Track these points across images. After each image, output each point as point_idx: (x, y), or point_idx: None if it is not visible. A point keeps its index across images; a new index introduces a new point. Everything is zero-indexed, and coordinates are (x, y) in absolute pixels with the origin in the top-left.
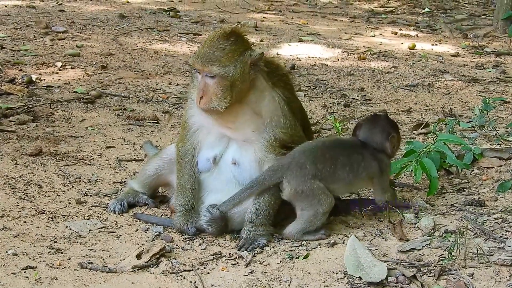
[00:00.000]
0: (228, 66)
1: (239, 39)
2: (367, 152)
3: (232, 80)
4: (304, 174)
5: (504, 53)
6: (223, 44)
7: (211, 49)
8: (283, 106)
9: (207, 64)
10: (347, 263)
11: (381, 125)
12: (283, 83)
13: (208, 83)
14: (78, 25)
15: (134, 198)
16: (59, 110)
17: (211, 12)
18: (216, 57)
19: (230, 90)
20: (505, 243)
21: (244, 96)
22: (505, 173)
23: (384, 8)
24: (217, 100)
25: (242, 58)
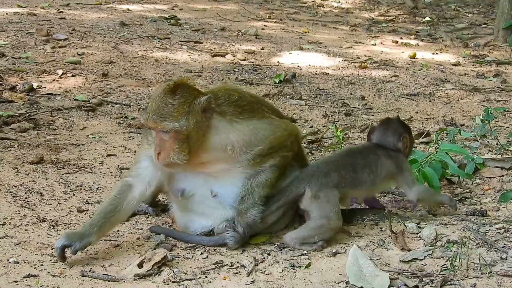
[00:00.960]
0: (180, 120)
1: (185, 90)
2: (382, 152)
3: (187, 133)
4: (327, 181)
5: (505, 62)
6: (170, 99)
7: (160, 105)
8: (249, 128)
9: (159, 121)
10: (349, 272)
11: (393, 127)
12: (239, 109)
13: (163, 138)
14: (79, 32)
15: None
16: (60, 118)
17: (212, 20)
18: (167, 112)
19: (187, 142)
20: (507, 253)
21: (205, 141)
22: (507, 183)
23: (385, 17)
24: (176, 154)
25: (192, 108)
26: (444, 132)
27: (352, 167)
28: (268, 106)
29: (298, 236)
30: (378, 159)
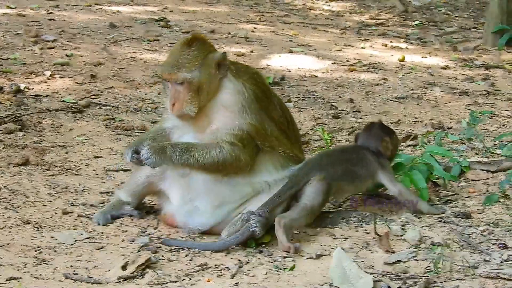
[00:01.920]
0: (193, 71)
1: (200, 44)
2: (368, 151)
3: (199, 84)
4: (333, 172)
5: (494, 66)
6: (186, 51)
7: (175, 57)
8: (251, 99)
9: (173, 72)
10: (333, 275)
11: (375, 131)
12: (254, 81)
13: (178, 90)
14: (68, 34)
15: (118, 210)
16: (47, 119)
17: (202, 22)
18: (181, 64)
19: (198, 94)
20: (490, 255)
21: (214, 97)
22: (492, 186)
23: (375, 20)
24: (188, 105)
25: (205, 61)
26: (431, 135)
27: (350, 161)
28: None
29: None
30: (366, 156)
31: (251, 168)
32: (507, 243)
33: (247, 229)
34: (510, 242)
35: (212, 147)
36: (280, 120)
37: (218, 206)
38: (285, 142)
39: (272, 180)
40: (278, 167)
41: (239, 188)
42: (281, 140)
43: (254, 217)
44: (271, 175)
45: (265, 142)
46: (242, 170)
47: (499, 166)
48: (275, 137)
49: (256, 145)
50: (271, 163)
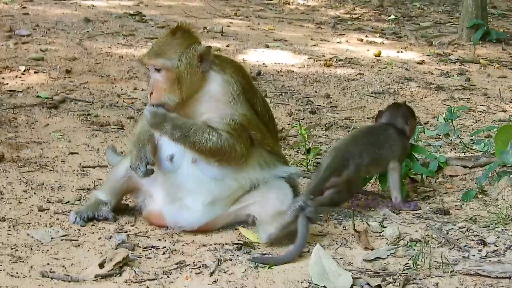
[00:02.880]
0: (173, 59)
1: (185, 34)
2: (393, 131)
3: (178, 73)
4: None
5: (469, 61)
6: (169, 39)
7: (158, 44)
8: (240, 90)
9: (153, 57)
10: (312, 272)
11: (403, 110)
12: (240, 73)
13: (156, 78)
14: (42, 28)
15: (94, 211)
16: (22, 115)
17: (177, 17)
18: (162, 50)
19: (178, 83)
20: (469, 252)
21: (198, 91)
22: (469, 182)
23: (351, 15)
24: (167, 94)
25: (188, 50)
26: None
27: (377, 144)
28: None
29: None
30: (392, 136)
31: (244, 161)
32: (486, 240)
33: (305, 219)
34: (488, 238)
35: (211, 132)
36: (262, 113)
37: (209, 203)
38: (268, 136)
39: (259, 177)
40: (262, 164)
41: (228, 183)
42: (265, 134)
43: (309, 205)
44: (256, 172)
45: (257, 134)
46: (236, 161)
47: (476, 161)
48: (260, 130)
49: (249, 137)
50: (256, 159)
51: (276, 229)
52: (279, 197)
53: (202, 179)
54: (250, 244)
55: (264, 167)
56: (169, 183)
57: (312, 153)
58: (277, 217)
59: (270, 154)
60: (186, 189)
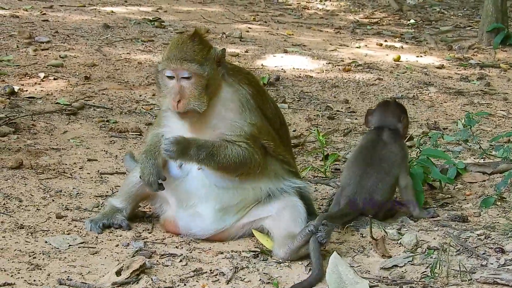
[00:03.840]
0: (203, 64)
1: (202, 39)
2: (387, 139)
3: (208, 79)
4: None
5: (489, 66)
6: (191, 45)
7: (182, 50)
8: (249, 99)
9: (184, 63)
10: (329, 280)
11: (392, 109)
12: (247, 80)
13: (183, 85)
14: (61, 35)
15: (109, 219)
16: (41, 121)
17: (196, 22)
18: (190, 56)
19: (206, 89)
20: (487, 260)
21: (215, 95)
22: (488, 188)
23: (370, 19)
24: (196, 101)
25: (210, 55)
26: (427, 136)
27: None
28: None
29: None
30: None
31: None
32: (504, 248)
33: (316, 244)
34: (507, 246)
35: (232, 146)
36: (274, 119)
37: (220, 211)
38: (278, 144)
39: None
40: (272, 174)
41: (241, 192)
42: (276, 141)
43: (320, 230)
44: (265, 182)
45: (269, 142)
46: (254, 170)
47: (496, 168)
48: (272, 137)
49: (262, 146)
50: (269, 169)
51: (285, 253)
52: (293, 217)
53: (209, 185)
54: (267, 251)
55: (275, 177)
56: (180, 189)
57: (330, 159)
58: (289, 239)
59: (282, 164)
60: (197, 195)
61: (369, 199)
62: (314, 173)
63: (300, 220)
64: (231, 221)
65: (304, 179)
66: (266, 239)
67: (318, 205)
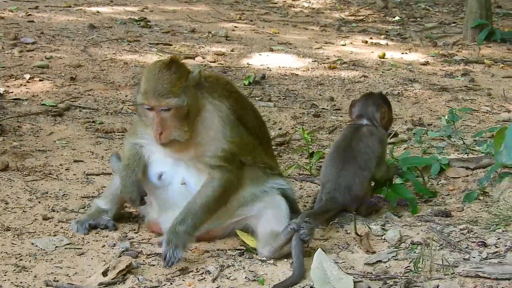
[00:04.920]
0: (181, 95)
1: (179, 67)
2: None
3: (188, 108)
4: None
5: (473, 61)
6: (167, 75)
7: (158, 82)
8: (229, 116)
9: (162, 98)
10: (313, 276)
11: (373, 99)
12: (227, 92)
13: (164, 117)
14: (47, 36)
15: (95, 220)
16: (27, 123)
17: (182, 21)
18: (167, 89)
19: (187, 118)
20: (470, 254)
21: (198, 118)
22: (471, 183)
23: (355, 17)
24: (177, 131)
25: (188, 83)
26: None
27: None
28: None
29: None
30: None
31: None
32: (486, 241)
33: (298, 242)
34: (489, 240)
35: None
36: (254, 125)
37: None
38: (260, 152)
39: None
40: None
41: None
42: (257, 150)
43: (303, 228)
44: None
45: (247, 157)
46: (234, 191)
47: (478, 163)
48: (253, 148)
49: (240, 161)
50: (248, 178)
51: (269, 252)
52: (275, 216)
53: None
54: (252, 249)
55: (257, 182)
56: (161, 198)
57: (315, 157)
58: (273, 238)
59: (264, 169)
60: (178, 206)
61: (348, 195)
62: (300, 171)
63: (283, 218)
64: (214, 225)
65: (289, 177)
66: (251, 238)
67: (303, 203)
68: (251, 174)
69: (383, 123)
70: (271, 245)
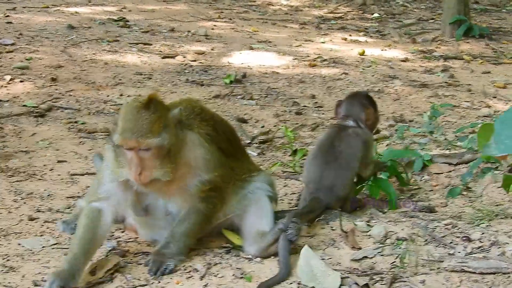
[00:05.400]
0: (161, 134)
1: (157, 104)
2: (348, 132)
3: (169, 146)
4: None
5: (452, 57)
6: (147, 114)
7: (137, 122)
8: (209, 147)
9: (141, 139)
10: (300, 273)
11: (359, 100)
12: (204, 122)
13: (144, 157)
14: (26, 37)
15: None
16: (9, 124)
17: (161, 21)
18: (147, 129)
19: (169, 156)
20: (455, 249)
21: (180, 155)
22: (454, 179)
23: (334, 14)
24: (159, 171)
25: (168, 121)
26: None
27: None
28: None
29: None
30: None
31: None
32: (471, 236)
33: (285, 243)
34: (473, 235)
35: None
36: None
37: None
38: (237, 166)
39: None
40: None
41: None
42: (236, 167)
43: (290, 228)
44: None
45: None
46: (218, 212)
47: (461, 158)
48: (232, 168)
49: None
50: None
51: (256, 251)
52: (259, 214)
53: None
54: (238, 247)
55: (239, 192)
56: (142, 221)
57: (298, 154)
58: (260, 238)
59: (243, 180)
60: (161, 227)
61: (331, 195)
62: (283, 168)
63: (267, 215)
64: None
65: (273, 174)
66: (237, 236)
67: (288, 200)
68: (233, 188)
69: (368, 124)
70: (258, 244)
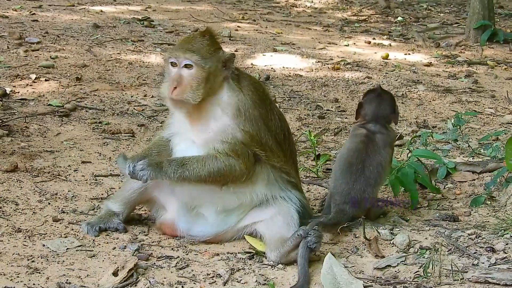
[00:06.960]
0: (206, 58)
1: (212, 38)
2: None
3: (208, 73)
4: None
5: (476, 63)
6: (200, 39)
7: (190, 42)
8: (249, 104)
9: (188, 52)
10: (324, 281)
11: (385, 99)
12: (253, 88)
13: (183, 74)
14: (52, 35)
15: (105, 223)
16: (34, 123)
17: (185, 21)
18: (196, 48)
19: (204, 83)
20: (479, 259)
21: (214, 94)
22: (478, 187)
23: (358, 17)
24: (191, 92)
25: (216, 54)
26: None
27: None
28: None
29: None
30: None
31: (248, 178)
32: (495, 247)
33: (305, 249)
34: (497, 245)
35: (207, 159)
36: (277, 131)
37: (222, 213)
38: (279, 155)
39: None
40: (270, 180)
41: (240, 196)
42: (275, 152)
43: (311, 235)
44: (262, 188)
45: (260, 151)
46: (238, 180)
47: (485, 167)
48: (269, 147)
49: (253, 154)
50: (262, 175)
51: (276, 257)
52: (286, 222)
53: (213, 189)
54: (261, 252)
55: (271, 184)
56: (184, 193)
57: (321, 159)
58: (281, 243)
59: (279, 172)
60: (200, 198)
61: (357, 208)
62: (306, 173)
63: (292, 225)
64: (230, 224)
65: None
66: (259, 243)
67: (311, 206)
68: (264, 175)
69: (397, 122)
70: (278, 250)
